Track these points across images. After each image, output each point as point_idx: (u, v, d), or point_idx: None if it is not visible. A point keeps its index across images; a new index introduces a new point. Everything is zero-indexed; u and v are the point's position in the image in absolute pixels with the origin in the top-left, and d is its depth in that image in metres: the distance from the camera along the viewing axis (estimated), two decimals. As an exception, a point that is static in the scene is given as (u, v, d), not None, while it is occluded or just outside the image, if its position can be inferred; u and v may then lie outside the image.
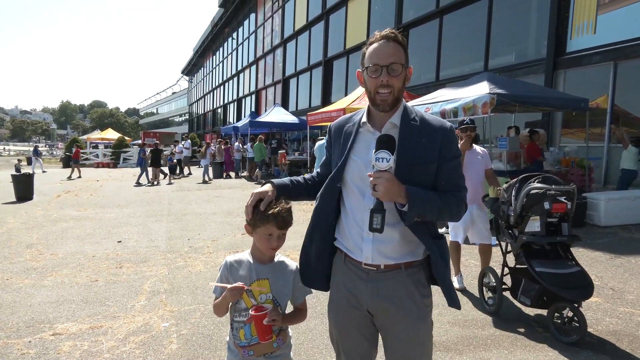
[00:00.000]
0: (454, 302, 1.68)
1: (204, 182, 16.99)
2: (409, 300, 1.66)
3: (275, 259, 1.85)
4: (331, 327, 1.85)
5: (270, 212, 1.69)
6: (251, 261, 1.82)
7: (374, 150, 1.51)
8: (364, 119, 1.72)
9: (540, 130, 10.13)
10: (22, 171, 19.23)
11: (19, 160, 20.43)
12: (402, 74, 1.61)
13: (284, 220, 1.73)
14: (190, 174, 20.49)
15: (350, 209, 1.70)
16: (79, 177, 18.92)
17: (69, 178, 18.49)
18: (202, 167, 18.02)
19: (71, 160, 19.93)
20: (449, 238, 4.81)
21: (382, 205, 1.51)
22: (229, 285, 1.71)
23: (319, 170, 1.94)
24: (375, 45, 1.61)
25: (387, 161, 1.48)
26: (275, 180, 1.80)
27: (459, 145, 4.69)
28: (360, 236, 1.66)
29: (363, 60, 1.66)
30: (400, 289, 1.66)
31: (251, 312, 1.69)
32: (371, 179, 1.49)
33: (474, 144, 4.69)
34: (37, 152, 23.24)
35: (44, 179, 18.61)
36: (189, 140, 23.96)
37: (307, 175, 1.96)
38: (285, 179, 1.85)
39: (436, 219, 1.65)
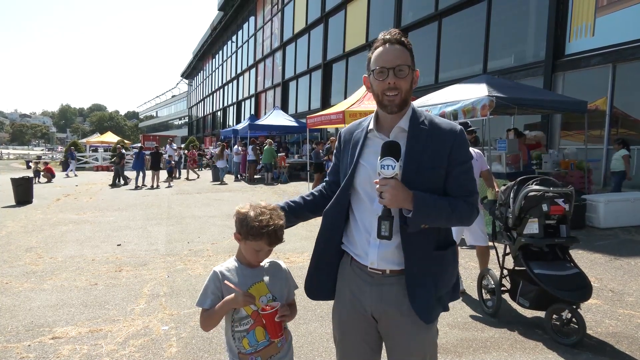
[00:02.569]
0: (422, 315, 1.61)
1: (221, 183, 17.29)
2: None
3: (262, 262, 1.86)
4: (334, 330, 1.84)
5: (264, 230, 1.68)
6: (241, 267, 1.82)
7: (379, 157, 1.50)
8: (372, 125, 1.70)
9: (529, 133, 10.23)
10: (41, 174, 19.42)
11: (36, 163, 20.44)
12: (409, 76, 1.59)
13: (277, 239, 1.73)
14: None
15: (359, 214, 1.69)
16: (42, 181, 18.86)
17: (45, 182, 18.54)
18: (219, 168, 18.26)
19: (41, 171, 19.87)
20: None
21: (390, 212, 1.50)
22: (239, 294, 1.70)
23: (327, 178, 1.94)
24: (380, 48, 1.60)
25: (393, 168, 1.47)
26: (288, 206, 1.86)
27: None
28: (367, 241, 1.65)
29: (369, 65, 1.64)
30: (405, 294, 1.62)
31: (261, 312, 1.71)
32: (377, 186, 1.48)
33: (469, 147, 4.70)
34: (72, 156, 23.54)
35: (43, 180, 18.61)
36: (174, 144, 23.74)
37: (314, 190, 1.97)
38: (297, 199, 1.91)
39: (445, 225, 1.63)
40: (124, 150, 17.78)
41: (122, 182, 16.99)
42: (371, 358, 1.77)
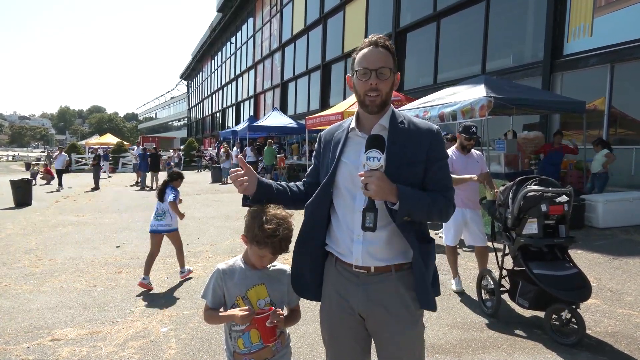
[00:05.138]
0: (428, 305, 1.66)
1: (224, 183, 17.94)
2: (400, 304, 1.66)
3: (268, 264, 1.86)
4: (323, 332, 1.85)
5: (269, 240, 1.69)
6: (244, 267, 1.82)
7: (364, 150, 1.54)
8: (353, 125, 1.75)
9: (528, 133, 10.27)
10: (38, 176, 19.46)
11: (35, 165, 20.41)
12: (390, 79, 1.65)
13: (281, 249, 1.75)
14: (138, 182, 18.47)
15: (341, 212, 1.71)
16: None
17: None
18: (224, 169, 18.86)
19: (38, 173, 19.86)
20: (443, 242, 4.84)
21: (374, 204, 1.53)
22: (238, 312, 1.71)
23: (305, 179, 1.93)
24: (364, 50, 1.66)
25: (378, 160, 1.51)
26: (262, 180, 1.77)
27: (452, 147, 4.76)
28: (350, 239, 1.67)
29: (353, 65, 1.70)
30: (391, 292, 1.66)
31: (254, 316, 1.71)
32: (362, 178, 1.51)
33: (471, 149, 4.73)
34: (106, 157, 23.79)
35: (42, 183, 18.60)
36: (140, 147, 23.52)
37: (297, 184, 1.95)
38: (273, 183, 1.84)
39: (425, 219, 1.67)
40: (100, 152, 17.86)
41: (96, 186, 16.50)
42: (361, 357, 1.80)
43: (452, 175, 4.31)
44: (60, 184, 16.64)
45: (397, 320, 1.65)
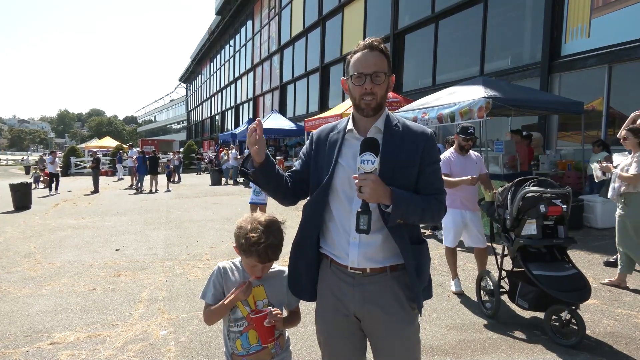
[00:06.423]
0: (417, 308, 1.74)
1: (227, 184, 18.38)
2: (396, 304, 1.67)
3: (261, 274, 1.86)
4: (319, 334, 1.86)
5: (253, 247, 1.68)
6: (244, 269, 1.83)
7: (359, 153, 1.55)
8: (350, 126, 1.74)
9: (535, 134, 10.26)
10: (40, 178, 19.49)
11: (35, 169, 20.43)
12: (385, 82, 1.66)
13: (267, 257, 1.73)
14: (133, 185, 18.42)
15: (337, 215, 1.71)
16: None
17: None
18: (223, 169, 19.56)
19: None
20: (443, 243, 4.84)
21: (368, 206, 1.54)
22: (237, 290, 1.72)
23: (292, 175, 1.86)
24: (359, 54, 1.66)
25: (372, 163, 1.51)
26: (269, 155, 1.70)
27: (451, 148, 4.77)
28: (346, 241, 1.67)
29: (347, 69, 1.69)
30: (387, 292, 1.67)
31: (251, 315, 1.71)
32: (356, 181, 1.52)
33: (469, 150, 4.73)
34: (120, 160, 24.07)
35: (41, 186, 18.59)
36: (135, 149, 23.49)
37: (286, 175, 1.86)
38: (275, 166, 1.76)
39: (418, 221, 1.69)
40: (100, 155, 17.96)
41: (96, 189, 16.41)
42: (357, 358, 1.81)
43: (449, 179, 4.35)
44: (56, 187, 16.39)
45: (394, 320, 1.67)
